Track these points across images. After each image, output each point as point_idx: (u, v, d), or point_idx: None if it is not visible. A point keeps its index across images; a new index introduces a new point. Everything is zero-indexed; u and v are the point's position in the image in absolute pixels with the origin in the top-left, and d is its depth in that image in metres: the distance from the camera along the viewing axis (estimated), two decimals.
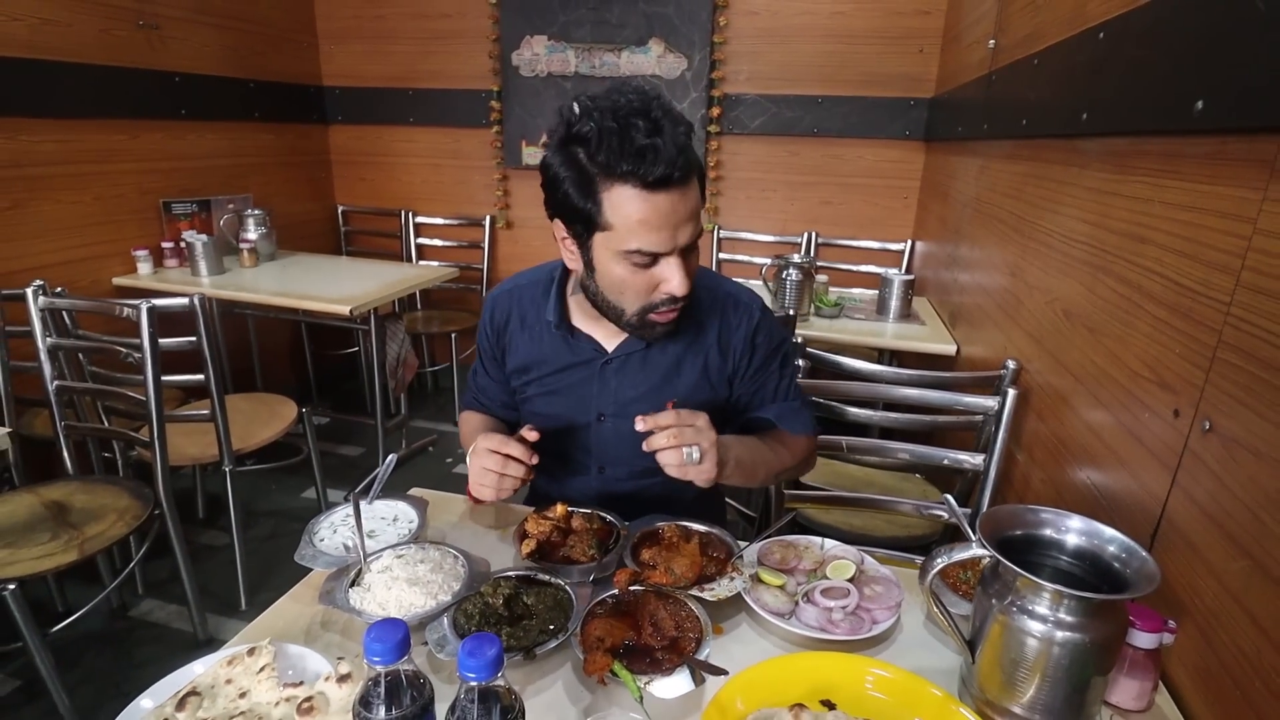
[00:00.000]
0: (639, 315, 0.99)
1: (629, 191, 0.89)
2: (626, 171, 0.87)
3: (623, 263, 0.94)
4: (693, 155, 0.91)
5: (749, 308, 1.13)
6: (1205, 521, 0.80)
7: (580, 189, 0.91)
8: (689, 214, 0.92)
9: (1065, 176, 1.35)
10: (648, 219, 0.89)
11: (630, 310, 0.99)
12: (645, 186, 0.88)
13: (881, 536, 1.68)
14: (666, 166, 0.86)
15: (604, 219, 0.91)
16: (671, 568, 0.87)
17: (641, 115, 0.87)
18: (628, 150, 0.86)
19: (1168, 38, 0.97)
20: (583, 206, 0.92)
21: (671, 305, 0.98)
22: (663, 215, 0.89)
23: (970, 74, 2.25)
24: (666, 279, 0.94)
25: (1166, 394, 0.91)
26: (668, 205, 0.89)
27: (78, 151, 2.45)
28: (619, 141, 0.86)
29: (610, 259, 0.94)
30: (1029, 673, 0.70)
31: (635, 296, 0.97)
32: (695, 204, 0.93)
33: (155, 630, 2.02)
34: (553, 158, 0.94)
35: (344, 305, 2.32)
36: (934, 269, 2.65)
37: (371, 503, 1.03)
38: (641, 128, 0.86)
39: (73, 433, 1.92)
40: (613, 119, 0.87)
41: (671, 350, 1.11)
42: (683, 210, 0.91)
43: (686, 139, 0.90)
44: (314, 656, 0.78)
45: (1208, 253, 0.85)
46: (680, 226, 0.91)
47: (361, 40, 3.50)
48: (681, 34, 3.08)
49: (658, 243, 0.91)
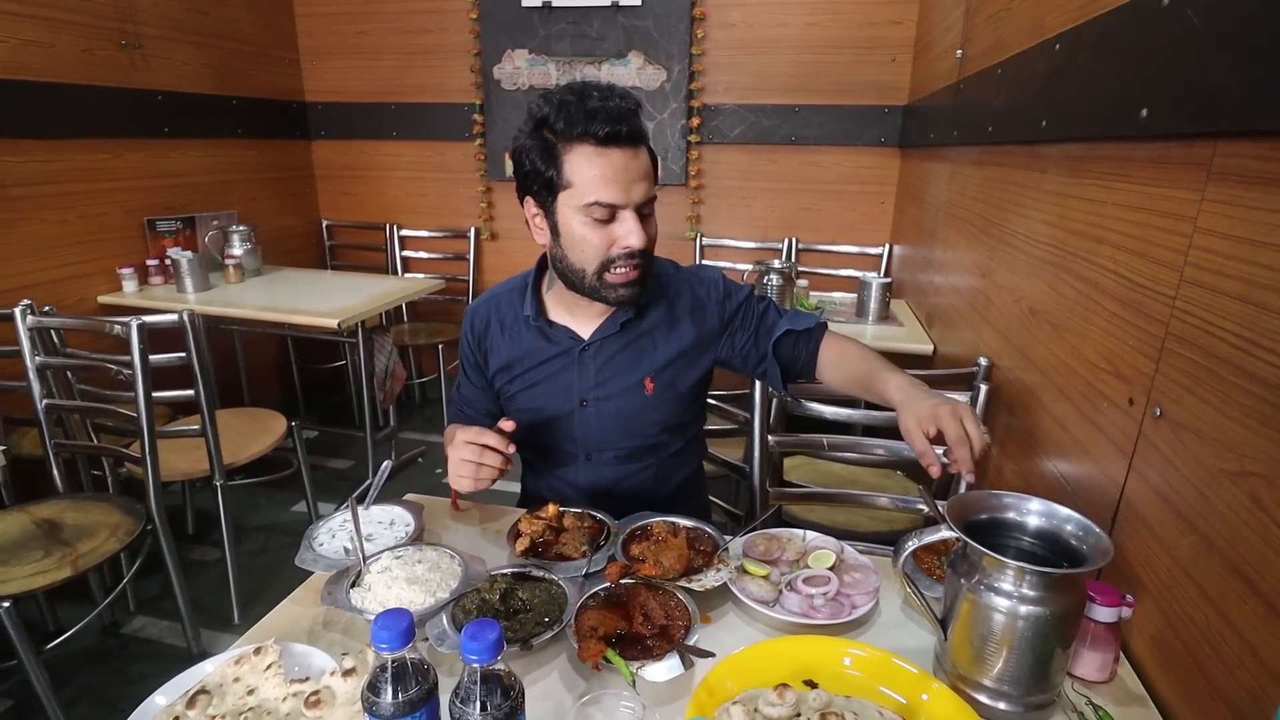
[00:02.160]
0: (598, 273, 1.06)
1: (586, 149, 1.00)
2: (581, 132, 0.99)
3: (583, 219, 1.03)
4: (641, 125, 1.04)
5: (712, 280, 1.23)
6: (1158, 501, 0.85)
7: (544, 157, 1.03)
8: (641, 173, 1.03)
9: (1028, 180, 1.42)
10: (603, 172, 1.00)
11: (590, 269, 1.06)
12: (599, 142, 0.99)
13: (864, 532, 1.73)
14: (616, 123, 0.98)
15: (564, 178, 1.02)
16: (660, 560, 0.91)
17: (594, 88, 1.02)
18: (582, 113, 0.98)
19: (1114, 49, 1.03)
20: (545, 172, 1.03)
21: (628, 261, 1.05)
22: (616, 170, 1.00)
23: (940, 82, 2.32)
24: (623, 234, 1.03)
25: (1122, 384, 0.96)
26: (620, 161, 1.01)
27: (61, 171, 2.46)
28: (575, 108, 0.99)
29: (572, 217, 1.04)
30: (997, 647, 0.75)
31: (595, 252, 1.04)
32: (647, 167, 1.04)
33: (148, 646, 2.02)
34: (521, 142, 1.06)
35: (332, 319, 2.35)
36: (911, 272, 2.72)
37: (368, 508, 1.06)
38: (594, 95, 1.00)
39: (62, 450, 1.93)
40: (570, 93, 1.01)
41: (645, 329, 1.18)
42: (635, 169, 1.02)
43: (635, 109, 1.02)
44: (318, 654, 0.81)
45: (1155, 250, 0.91)
46: (633, 183, 1.02)
47: (344, 56, 3.54)
48: (660, 46, 3.15)
49: (613, 195, 1.01)
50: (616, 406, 1.18)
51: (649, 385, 1.18)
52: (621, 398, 1.18)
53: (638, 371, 1.17)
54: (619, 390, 1.18)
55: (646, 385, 1.18)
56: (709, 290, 1.22)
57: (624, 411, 1.19)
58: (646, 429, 1.21)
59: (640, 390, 1.18)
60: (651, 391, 1.18)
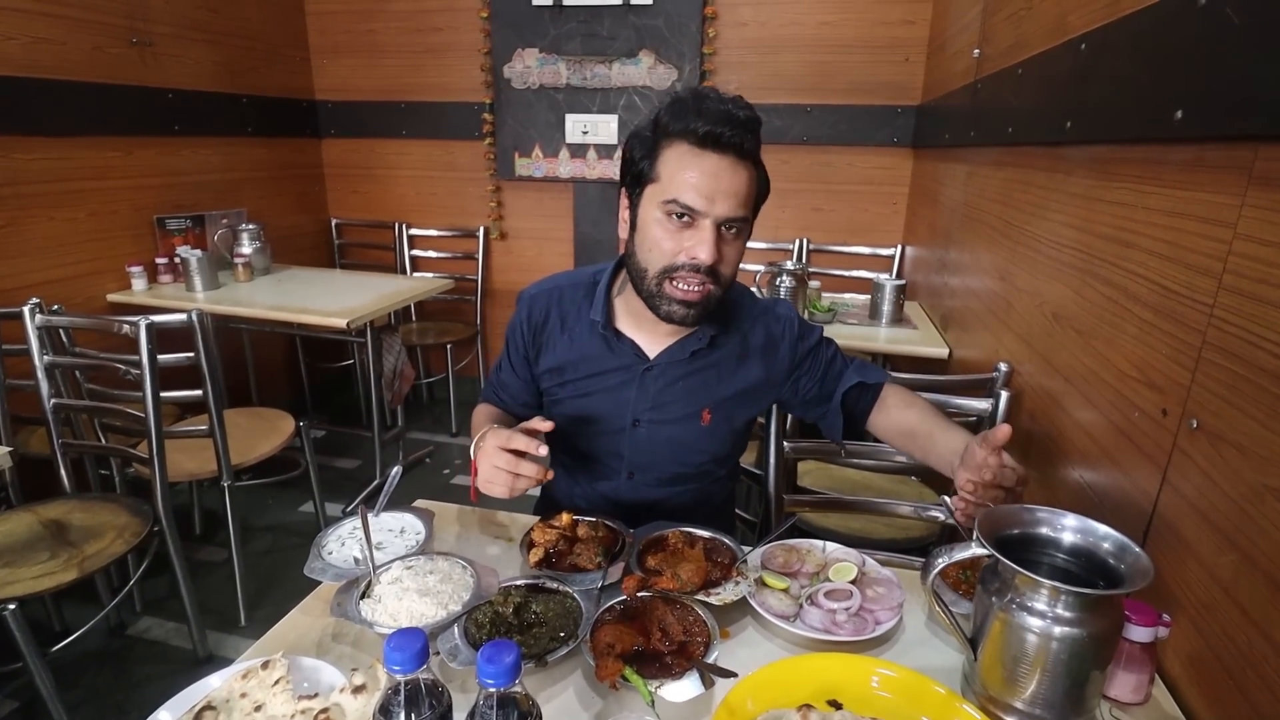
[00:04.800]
0: (659, 279, 1.01)
1: (682, 147, 0.97)
2: (683, 128, 0.96)
3: (660, 216, 0.99)
4: (749, 139, 0.97)
5: (788, 318, 1.18)
6: (1195, 517, 0.82)
7: (645, 148, 1.01)
8: (732, 188, 0.97)
9: (1050, 183, 1.39)
10: (691, 174, 0.96)
11: (653, 270, 1.01)
12: (696, 142, 0.96)
13: (879, 539, 1.70)
14: (718, 124, 0.94)
15: (656, 171, 0.99)
16: (678, 573, 0.89)
17: (716, 92, 0.99)
18: (690, 109, 0.96)
19: (1146, 50, 1.00)
20: (641, 164, 1.01)
21: (692, 275, 0.99)
22: (705, 174, 0.96)
23: (956, 82, 2.29)
24: (694, 244, 0.98)
25: (1154, 394, 0.93)
26: (712, 167, 0.96)
27: (72, 169, 2.46)
28: (687, 105, 0.97)
29: (651, 212, 1.00)
30: (1030, 668, 0.72)
31: (661, 256, 1.00)
32: (743, 185, 0.98)
33: (154, 648, 2.01)
34: (634, 133, 1.04)
35: (341, 318, 2.33)
36: (924, 273, 2.69)
37: (378, 515, 1.04)
38: (711, 97, 0.97)
39: (70, 450, 1.92)
40: (690, 92, 0.99)
41: (714, 360, 1.13)
42: (726, 180, 0.96)
43: (746, 119, 0.96)
44: (328, 668, 0.79)
45: (1190, 256, 0.88)
46: (720, 195, 0.96)
47: (353, 54, 3.52)
48: (671, 45, 3.12)
49: (694, 198, 0.96)
50: (669, 433, 1.14)
51: (706, 416, 1.13)
52: (676, 425, 1.14)
53: (698, 401, 1.13)
54: (675, 417, 1.14)
55: (704, 416, 1.13)
56: (784, 329, 1.17)
57: (676, 439, 1.15)
58: (695, 458, 1.17)
59: (696, 420, 1.14)
60: (708, 423, 1.14)
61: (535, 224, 3.52)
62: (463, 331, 3.52)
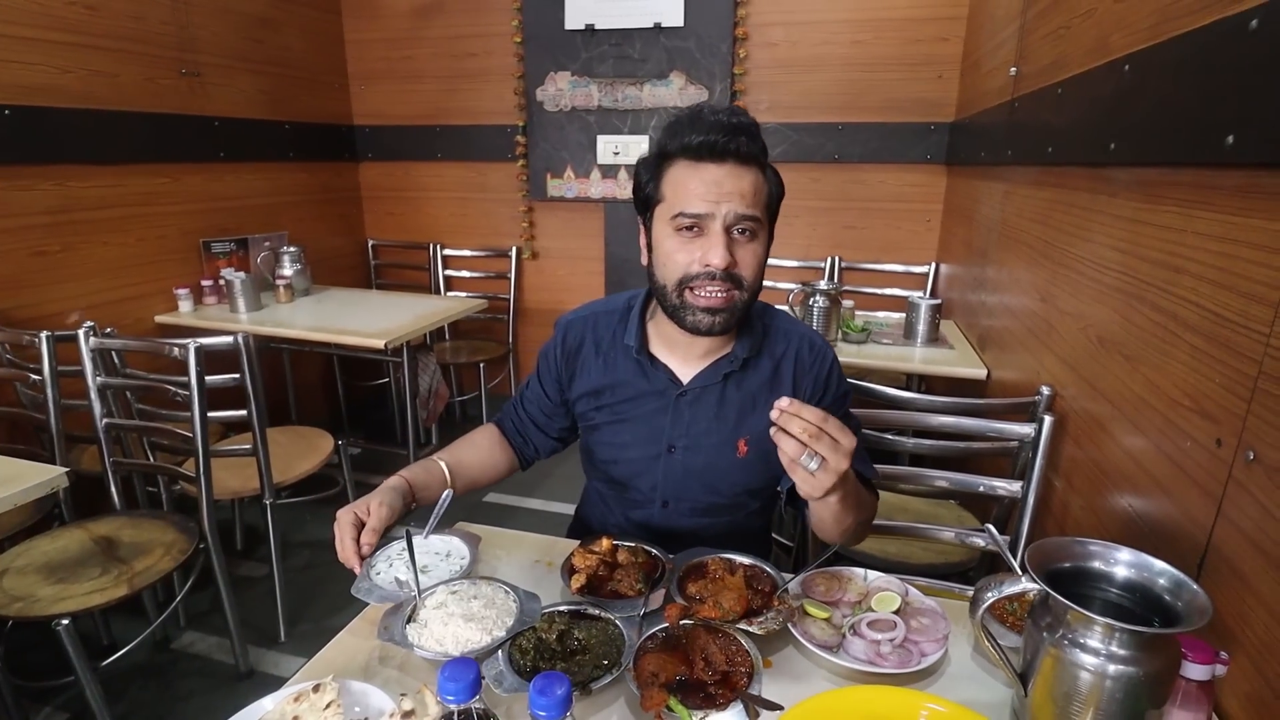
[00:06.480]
0: (679, 290, 1.01)
1: (682, 164, 1.00)
2: (679, 145, 0.99)
3: (670, 232, 1.01)
4: (749, 142, 0.98)
5: (824, 350, 1.16)
6: (1253, 551, 0.80)
7: (649, 171, 1.04)
8: (737, 191, 0.97)
9: (1093, 204, 1.37)
10: (693, 186, 0.98)
11: (671, 284, 1.02)
12: (694, 155, 0.98)
13: (917, 564, 1.68)
14: (711, 133, 0.96)
15: (661, 191, 1.02)
16: (720, 601, 0.89)
17: (710, 106, 1.01)
18: (685, 126, 0.98)
19: (1194, 72, 0.98)
20: (648, 187, 1.04)
21: (709, 281, 0.99)
22: (707, 184, 0.97)
23: (991, 100, 2.27)
24: (705, 250, 0.98)
25: (1208, 423, 0.91)
26: (712, 176, 0.97)
27: (123, 195, 2.55)
28: (683, 123, 0.99)
29: (662, 230, 1.02)
30: (1082, 706, 0.71)
31: (676, 267, 1.01)
32: (749, 187, 0.98)
33: (198, 662, 2.05)
34: (640, 159, 1.07)
35: (379, 339, 2.38)
36: (960, 291, 2.66)
37: (427, 537, 1.06)
38: (705, 110, 0.99)
39: (120, 468, 1.98)
40: (686, 110, 1.02)
41: (747, 387, 1.13)
42: (730, 185, 0.97)
43: (740, 125, 0.97)
44: (376, 693, 0.80)
45: (1244, 284, 0.86)
46: (725, 198, 0.97)
47: (391, 80, 3.62)
48: (702, 66, 3.15)
49: (697, 205, 0.97)
50: (704, 461, 1.13)
51: (743, 448, 1.12)
52: (711, 453, 1.13)
53: (733, 431, 1.12)
54: (710, 445, 1.12)
55: (740, 447, 1.12)
56: (816, 360, 1.14)
57: (711, 468, 1.13)
58: (730, 489, 1.16)
59: (732, 450, 1.12)
60: (744, 454, 1.13)
61: (567, 244, 3.56)
62: (495, 350, 3.56)
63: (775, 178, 1.04)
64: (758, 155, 1.00)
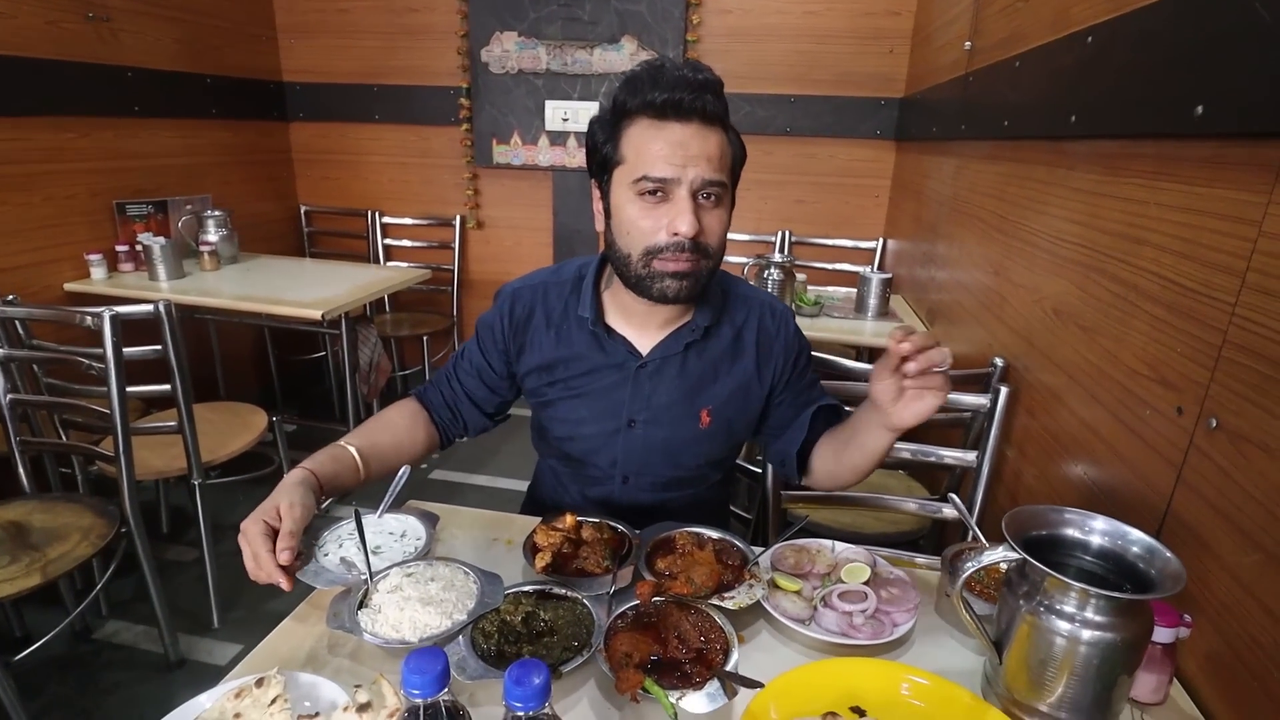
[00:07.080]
0: (645, 260, 0.96)
1: (643, 122, 0.93)
2: (640, 102, 0.92)
3: (633, 197, 0.94)
4: (712, 102, 0.92)
5: (785, 314, 1.13)
6: (1214, 516, 0.82)
7: (606, 131, 0.97)
8: (702, 153, 0.92)
9: (1051, 177, 1.38)
10: (656, 146, 0.92)
11: (636, 254, 0.96)
12: (656, 114, 0.92)
13: (869, 533, 1.70)
14: (676, 90, 0.90)
15: (621, 152, 0.95)
16: (691, 577, 0.86)
17: (671, 61, 0.94)
18: (646, 82, 0.92)
19: (1164, 43, 0.99)
20: (605, 148, 0.96)
21: (677, 251, 0.94)
22: (671, 145, 0.91)
23: (944, 75, 2.28)
24: (672, 218, 0.93)
25: (1169, 392, 0.93)
26: (677, 136, 0.92)
27: (24, 150, 2.32)
28: (642, 78, 0.93)
29: (623, 195, 0.96)
30: (1057, 672, 0.71)
31: (641, 236, 0.95)
32: (715, 149, 0.93)
33: (123, 653, 1.92)
34: (595, 118, 0.99)
35: (315, 309, 2.25)
36: (909, 266, 2.69)
37: (380, 516, 0.99)
38: (667, 67, 0.93)
39: (28, 448, 1.82)
40: (645, 64, 0.95)
41: (709, 355, 1.09)
42: (695, 146, 0.92)
43: (706, 82, 0.92)
44: (327, 685, 0.74)
45: (1209, 254, 0.87)
46: (691, 161, 0.91)
47: (324, 35, 3.40)
48: (654, 32, 3.07)
49: (663, 169, 0.91)
50: (666, 434, 1.09)
51: (705, 419, 1.08)
52: (673, 425, 1.09)
53: (695, 402, 1.08)
54: (672, 417, 1.08)
55: (703, 418, 1.08)
56: (780, 326, 1.12)
57: (673, 440, 1.10)
58: (693, 461, 1.12)
59: (695, 421, 1.09)
60: (707, 425, 1.09)
61: (513, 213, 3.45)
62: (439, 323, 3.44)
63: (738, 140, 0.99)
64: (722, 115, 0.95)
